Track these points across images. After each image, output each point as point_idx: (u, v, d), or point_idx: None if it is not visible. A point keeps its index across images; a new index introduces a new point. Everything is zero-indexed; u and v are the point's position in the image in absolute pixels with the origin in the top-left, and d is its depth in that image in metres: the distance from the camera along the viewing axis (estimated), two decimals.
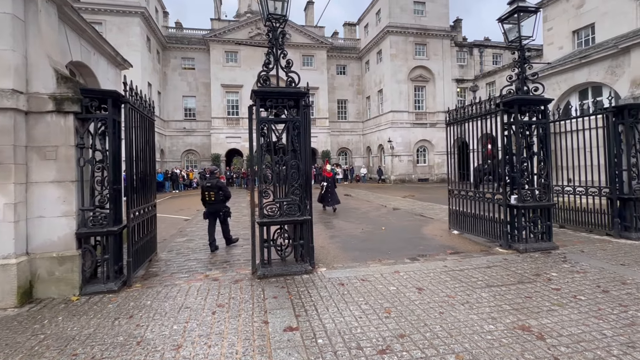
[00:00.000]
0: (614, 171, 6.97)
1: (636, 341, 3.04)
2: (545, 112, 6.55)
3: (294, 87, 5.38)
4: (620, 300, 3.92)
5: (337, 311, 3.74)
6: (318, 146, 33.11)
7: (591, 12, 18.66)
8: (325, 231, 8.58)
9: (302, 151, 5.37)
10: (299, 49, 33.20)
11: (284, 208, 5.16)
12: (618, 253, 5.86)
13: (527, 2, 6.58)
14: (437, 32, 31.31)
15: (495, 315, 3.60)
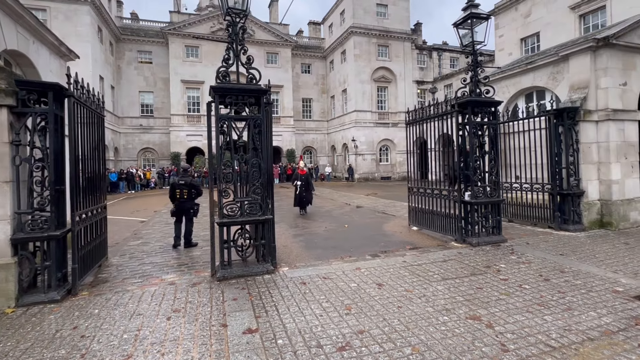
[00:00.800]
0: (555, 169, 7.57)
1: (572, 324, 3.32)
2: (495, 113, 6.97)
3: (255, 84, 5.28)
4: (559, 287, 4.26)
5: (298, 310, 3.72)
6: (283, 145, 32.89)
7: (537, 21, 20.19)
8: (288, 230, 8.53)
9: (264, 149, 5.28)
10: (263, 46, 32.74)
11: (244, 207, 5.05)
12: (558, 244, 6.38)
13: (480, 10, 6.95)
14: (399, 34, 32.27)
15: (449, 306, 3.76)
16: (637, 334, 3.12)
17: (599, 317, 3.44)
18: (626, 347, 2.91)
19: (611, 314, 3.52)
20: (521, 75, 9.44)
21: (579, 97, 7.65)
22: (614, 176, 7.51)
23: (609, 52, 7.47)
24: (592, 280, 4.48)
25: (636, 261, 5.23)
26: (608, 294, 4.01)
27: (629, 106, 7.67)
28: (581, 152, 7.59)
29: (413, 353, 2.87)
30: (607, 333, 3.14)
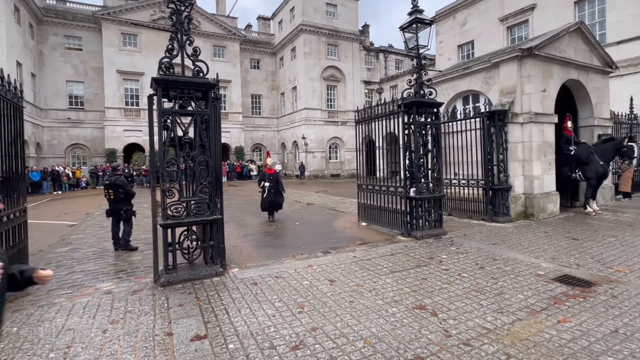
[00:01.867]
0: (488, 166, 8.29)
1: (504, 307, 3.66)
2: (437, 114, 7.42)
3: (202, 78, 5.01)
4: (493, 274, 4.67)
5: (250, 312, 3.62)
6: (231, 142, 31.90)
7: (471, 30, 21.94)
8: (238, 230, 8.29)
9: (212, 146, 5.06)
10: (210, 39, 31.38)
11: (191, 208, 4.79)
12: (490, 234, 7.00)
13: (424, 15, 7.32)
14: (348, 34, 32.97)
15: (397, 298, 3.93)
16: (556, 311, 3.53)
17: (526, 299, 3.84)
18: (548, 323, 3.28)
19: (535, 295, 3.94)
20: (459, 79, 10.17)
21: (508, 101, 8.45)
22: (536, 172, 8.43)
23: (532, 62, 8.34)
24: (519, 266, 4.98)
25: (553, 247, 5.93)
26: (532, 278, 4.49)
27: (547, 110, 8.65)
28: (509, 151, 8.39)
29: (365, 346, 2.95)
30: (533, 312, 3.51)
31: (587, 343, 2.93)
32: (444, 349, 2.88)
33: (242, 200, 14.99)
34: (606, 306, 3.61)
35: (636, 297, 3.80)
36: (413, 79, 7.24)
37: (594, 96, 9.90)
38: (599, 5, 15.91)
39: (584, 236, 6.61)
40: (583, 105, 10.12)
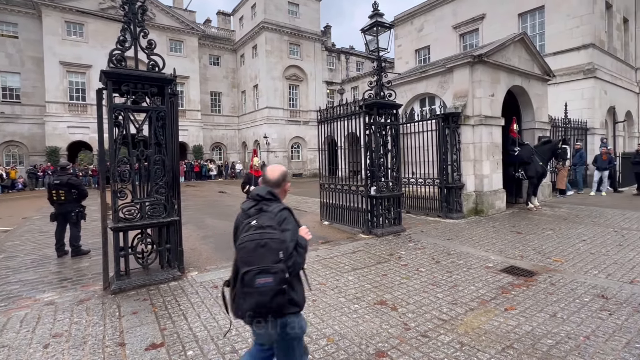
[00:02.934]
0: (443, 165, 8.73)
1: (458, 298, 3.87)
2: (397, 115, 7.68)
3: (158, 72, 4.77)
4: (447, 267, 4.92)
5: (210, 316, 3.51)
6: (189, 140, 30.69)
7: (427, 36, 22.96)
8: (197, 231, 7.99)
9: (169, 145, 4.82)
10: (166, 32, 29.92)
11: (145, 209, 4.53)
12: (445, 230, 7.38)
13: (384, 19, 7.53)
14: (310, 34, 33.03)
15: (359, 295, 4.01)
16: (503, 300, 3.80)
17: (477, 290, 4.09)
18: (496, 312, 3.52)
19: (485, 286, 4.21)
20: (417, 82, 10.61)
21: (461, 104, 8.96)
22: (485, 171, 9.03)
23: (482, 68, 8.91)
24: (471, 259, 5.30)
25: (501, 241, 6.38)
26: (482, 270, 4.80)
27: (495, 113, 9.29)
28: (462, 151, 8.90)
29: (328, 344, 2.97)
30: (483, 302, 3.76)
31: (530, 328, 3.18)
32: (404, 342, 2.99)
33: (202, 201, 14.48)
34: (546, 293, 3.96)
35: (571, 284, 4.20)
36: (374, 81, 7.42)
37: (535, 101, 10.80)
38: (539, 19, 17.38)
39: (527, 230, 7.19)
40: (526, 109, 10.99)
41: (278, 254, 1.71)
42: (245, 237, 1.76)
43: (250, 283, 1.67)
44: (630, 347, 2.83)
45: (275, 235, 1.75)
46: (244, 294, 1.71)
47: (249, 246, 1.72)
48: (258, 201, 1.95)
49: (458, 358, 2.74)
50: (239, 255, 1.75)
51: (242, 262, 1.72)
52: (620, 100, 17.95)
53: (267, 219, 1.83)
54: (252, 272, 1.67)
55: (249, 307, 1.71)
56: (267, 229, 1.76)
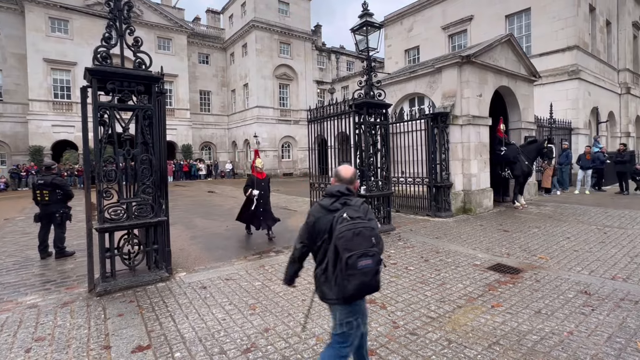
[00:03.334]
0: (431, 165, 8.82)
1: (446, 296, 3.91)
2: (386, 115, 7.72)
3: (145, 70, 4.69)
4: (436, 266, 4.98)
5: (198, 317, 3.47)
6: (178, 139, 30.31)
7: (417, 36, 23.16)
8: (185, 232, 7.90)
9: (156, 144, 4.75)
10: (154, 30, 29.47)
11: (132, 210, 4.46)
12: (434, 229, 7.46)
13: (374, 19, 7.55)
14: (300, 34, 32.96)
15: None
16: (490, 297, 3.86)
17: (465, 287, 4.15)
18: (483, 309, 3.58)
19: (473, 284, 4.27)
20: (406, 82, 10.68)
21: (449, 104, 9.06)
22: (473, 170, 9.15)
23: (470, 68, 9.03)
24: (459, 257, 5.37)
25: (488, 239, 6.48)
26: (470, 268, 4.86)
27: (483, 113, 9.42)
28: (451, 151, 9.00)
29: (317, 343, 2.97)
30: (471, 300, 3.81)
31: (516, 324, 3.24)
32: (393, 340, 3.01)
33: (190, 201, 14.32)
34: (531, 290, 4.03)
35: (555, 281, 4.29)
36: (363, 80, 7.45)
37: (522, 102, 11.00)
38: (526, 21, 17.69)
39: (513, 228, 7.31)
40: (512, 109, 11.18)
41: (371, 240, 1.98)
42: (342, 227, 1.98)
43: (354, 265, 1.91)
44: (611, 342, 2.91)
45: (366, 224, 2.01)
46: (349, 276, 1.94)
47: (347, 235, 1.95)
48: (339, 197, 2.17)
49: (446, 355, 2.78)
50: (339, 243, 1.96)
51: (343, 248, 1.94)
52: (603, 101, 18.41)
53: (353, 211, 2.07)
54: (355, 255, 1.92)
55: (353, 287, 1.95)
56: (356, 219, 2.01)
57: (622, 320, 3.26)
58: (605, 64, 19.12)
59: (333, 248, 2.02)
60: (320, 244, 2.14)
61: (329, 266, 2.06)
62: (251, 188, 6.90)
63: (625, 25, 20.94)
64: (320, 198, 2.27)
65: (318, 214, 2.20)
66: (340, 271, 1.98)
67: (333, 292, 2.06)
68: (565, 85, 16.00)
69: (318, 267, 2.18)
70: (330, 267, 2.06)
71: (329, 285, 2.08)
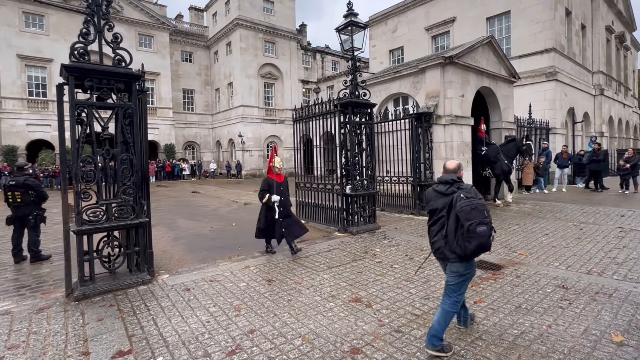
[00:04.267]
0: (416, 164, 8.94)
1: (430, 293, 3.97)
2: (371, 114, 7.77)
3: (125, 67, 4.57)
4: (420, 263, 5.03)
5: (181, 320, 3.40)
6: (160, 139, 29.68)
7: (401, 37, 23.41)
8: (168, 233, 7.74)
9: (137, 143, 4.63)
10: (134, 26, 28.72)
11: (112, 211, 4.33)
12: (418, 227, 7.56)
13: (359, 19, 7.58)
14: (285, 33, 32.78)
15: (334, 293, 4.03)
16: (473, 294, 3.93)
17: None
18: (467, 305, 3.63)
19: None
20: (390, 82, 10.78)
21: (433, 104, 9.20)
22: None
23: (453, 69, 9.19)
24: None
25: None
26: None
27: (465, 113, 9.61)
28: (434, 150, 9.15)
29: (303, 343, 2.96)
30: None
31: (498, 319, 3.32)
32: (378, 338, 3.03)
33: (174, 201, 14.05)
34: (512, 285, 4.14)
35: (534, 276, 4.42)
36: (348, 80, 7.47)
37: (502, 102, 11.27)
38: (506, 23, 18.16)
39: (494, 225, 7.45)
40: (493, 110, 11.45)
41: (484, 213, 2.62)
42: (461, 204, 2.64)
43: (474, 230, 2.56)
44: (587, 334, 3.01)
45: (479, 201, 2.66)
46: (470, 238, 2.60)
47: (466, 209, 2.61)
48: (452, 184, 2.88)
49: None
50: (461, 215, 2.62)
51: (464, 219, 2.60)
52: (579, 102, 19.10)
53: (467, 192, 2.73)
54: (474, 224, 2.56)
55: (473, 247, 2.61)
56: (471, 198, 2.67)
57: (597, 313, 3.38)
58: (580, 66, 19.83)
59: (454, 219, 2.68)
60: (437, 218, 2.86)
61: (449, 233, 2.72)
62: (269, 194, 5.63)
63: (599, 29, 21.78)
64: (435, 185, 3.06)
65: (432, 197, 2.98)
66: (461, 235, 2.64)
67: (453, 252, 2.72)
68: (543, 86, 16.51)
69: (437, 234, 2.85)
70: (451, 233, 2.71)
71: (449, 247, 2.75)
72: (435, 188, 3.00)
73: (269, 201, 5.59)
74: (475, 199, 2.66)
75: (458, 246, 2.67)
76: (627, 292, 3.85)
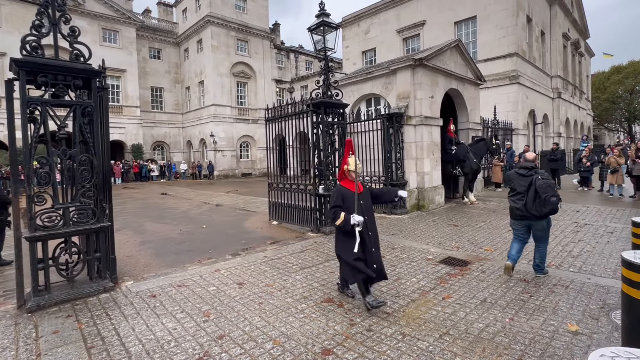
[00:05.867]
0: (387, 163, 9.09)
1: (401, 291, 4.03)
2: (344, 114, 7.81)
3: (84, 63, 4.31)
4: (392, 262, 5.12)
5: (146, 328, 3.25)
6: (127, 139, 28.43)
7: (373, 39, 23.76)
8: (134, 237, 7.40)
9: (98, 143, 4.39)
10: (98, 20, 27.32)
11: (69, 215, 4.07)
12: (390, 226, 7.69)
13: (331, 19, 7.59)
14: (258, 31, 32.38)
15: (307, 294, 4.00)
16: (441, 290, 4.04)
17: (418, 282, 4.31)
18: (435, 301, 3.73)
19: (425, 277, 4.45)
20: (363, 83, 10.90)
21: (404, 104, 9.39)
22: (426, 169, 9.57)
23: (423, 71, 9.42)
24: (413, 252, 5.57)
25: (440, 234, 6.80)
26: (423, 262, 5.07)
27: (435, 114, 9.88)
28: (405, 150, 9.34)
29: (274, 346, 2.91)
30: (424, 293, 3.96)
31: (464, 314, 3.42)
32: (349, 338, 3.04)
33: (141, 204, 13.49)
34: (478, 280, 4.29)
35: (498, 271, 4.60)
36: (321, 80, 7.47)
37: (469, 104, 11.70)
38: (472, 28, 18.88)
39: (462, 222, 7.75)
40: (461, 111, 11.86)
41: (554, 189, 4.09)
42: (540, 182, 4.07)
43: (549, 200, 3.99)
44: (546, 325, 3.17)
45: (550, 182, 4.13)
46: (545, 205, 4.02)
47: (543, 186, 4.03)
48: (530, 169, 4.31)
49: (400, 349, 2.85)
50: (539, 189, 4.04)
51: (542, 192, 4.02)
52: (539, 104, 20.19)
53: (542, 175, 4.19)
54: (548, 195, 3.99)
55: (548, 210, 4.04)
56: (545, 179, 4.12)
57: (555, 305, 3.57)
58: (540, 71, 20.97)
59: (534, 192, 4.11)
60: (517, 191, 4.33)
61: (529, 202, 4.15)
62: (340, 209, 3.61)
63: (557, 36, 23.14)
64: (517, 168, 4.51)
65: (515, 177, 4.41)
66: (538, 203, 4.07)
67: (531, 213, 4.17)
68: (506, 89, 17.31)
69: (519, 202, 4.28)
70: (530, 202, 4.14)
71: (526, 210, 4.20)
72: (517, 171, 4.43)
73: (346, 224, 3.52)
74: (548, 179, 4.12)
75: (535, 210, 4.10)
76: (581, 284, 4.09)
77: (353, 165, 3.78)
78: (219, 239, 7.13)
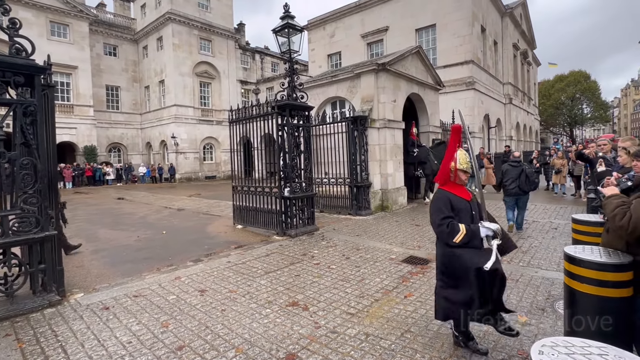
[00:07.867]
0: (352, 165, 9.23)
1: (364, 292, 4.10)
2: (309, 117, 7.82)
3: (25, 58, 3.98)
4: (356, 263, 5.19)
5: (97, 344, 3.04)
6: (78, 140, 26.58)
7: (339, 42, 24.09)
8: (86, 245, 6.90)
9: (42, 145, 4.06)
10: (45, 12, 25.30)
11: (9, 224, 3.73)
12: (355, 227, 7.80)
13: (295, 22, 7.58)
14: (222, 31, 31.65)
15: (271, 299, 3.95)
16: (403, 288, 4.16)
17: (382, 281, 4.40)
18: (397, 300, 3.83)
19: (389, 277, 4.56)
20: (328, 86, 11.00)
21: (368, 108, 9.59)
22: (389, 170, 9.84)
23: (386, 75, 9.68)
24: (377, 253, 5.69)
25: (402, 234, 7.01)
26: (387, 262, 5.19)
27: (397, 117, 10.19)
28: (369, 152, 9.54)
29: (237, 355, 2.84)
30: (386, 292, 4.05)
31: (425, 311, 3.54)
32: (314, 341, 3.03)
33: (94, 209, 12.65)
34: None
35: None
36: (286, 82, 7.44)
37: (430, 108, 12.19)
38: (432, 35, 19.73)
39: (423, 222, 8.04)
40: (422, 115, 12.33)
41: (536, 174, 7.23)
42: (528, 170, 6.66)
43: (533, 180, 6.67)
44: None
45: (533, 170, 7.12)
46: (530, 184, 6.63)
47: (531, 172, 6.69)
48: (519, 162, 6.97)
49: (363, 349, 2.89)
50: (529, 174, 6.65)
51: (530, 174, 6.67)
52: (493, 109, 21.50)
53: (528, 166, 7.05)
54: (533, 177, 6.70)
55: (533, 187, 6.72)
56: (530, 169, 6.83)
57: (506, 297, 3.78)
58: (494, 78, 22.35)
59: (525, 176, 6.54)
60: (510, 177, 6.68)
61: (522, 182, 6.55)
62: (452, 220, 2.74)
63: (508, 46, 24.79)
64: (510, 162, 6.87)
65: (509, 168, 6.77)
66: (527, 183, 6.56)
67: (523, 190, 6.59)
68: (463, 94, 18.26)
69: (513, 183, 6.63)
70: (523, 182, 6.54)
71: (520, 189, 6.58)
72: (510, 164, 6.82)
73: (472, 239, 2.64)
74: (532, 168, 6.35)
75: (526, 187, 6.54)
76: (529, 277, 4.39)
77: (465, 163, 2.69)
78: (180, 245, 6.85)
